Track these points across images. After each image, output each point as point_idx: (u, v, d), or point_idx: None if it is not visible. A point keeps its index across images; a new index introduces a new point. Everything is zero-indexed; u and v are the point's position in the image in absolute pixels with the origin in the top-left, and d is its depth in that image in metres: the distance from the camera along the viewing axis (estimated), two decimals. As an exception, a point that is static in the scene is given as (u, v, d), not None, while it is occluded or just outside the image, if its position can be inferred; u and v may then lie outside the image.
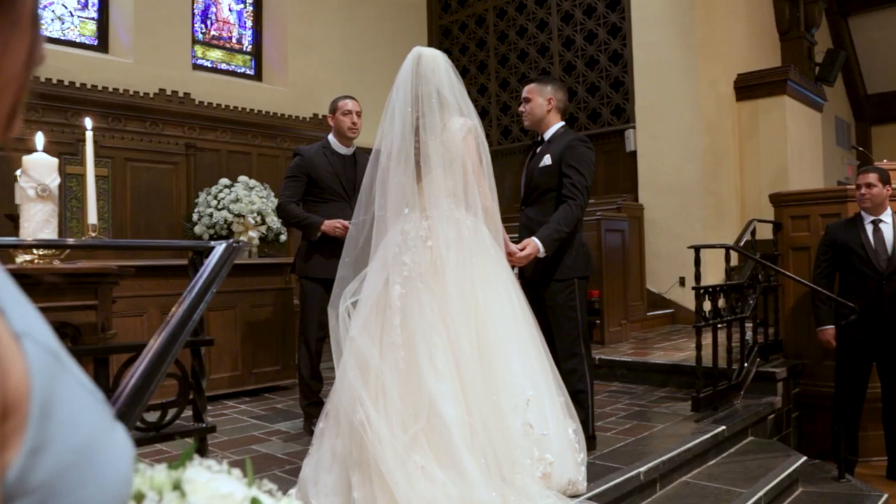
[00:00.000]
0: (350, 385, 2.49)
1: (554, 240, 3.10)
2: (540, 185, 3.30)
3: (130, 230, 7.03)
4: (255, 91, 8.43)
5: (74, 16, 7.39)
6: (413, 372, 2.44)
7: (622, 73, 8.19)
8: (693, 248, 4.12)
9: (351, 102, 4.06)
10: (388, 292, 2.60)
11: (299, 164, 4.06)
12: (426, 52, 2.82)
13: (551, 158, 3.26)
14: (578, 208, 3.16)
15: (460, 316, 2.52)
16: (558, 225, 3.11)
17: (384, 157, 2.77)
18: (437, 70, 2.76)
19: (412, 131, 2.71)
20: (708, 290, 4.00)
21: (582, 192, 3.18)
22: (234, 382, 5.12)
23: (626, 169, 8.01)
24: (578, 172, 3.19)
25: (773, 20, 8.82)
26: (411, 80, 2.74)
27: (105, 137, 6.94)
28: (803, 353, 4.84)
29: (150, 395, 1.39)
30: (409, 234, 2.68)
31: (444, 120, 2.73)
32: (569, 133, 3.35)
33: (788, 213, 4.93)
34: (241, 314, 5.19)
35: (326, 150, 4.06)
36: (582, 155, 3.23)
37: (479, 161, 2.76)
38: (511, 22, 9.30)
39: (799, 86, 7.85)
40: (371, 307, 2.60)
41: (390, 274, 2.63)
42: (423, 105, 2.71)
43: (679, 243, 7.29)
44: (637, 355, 5.32)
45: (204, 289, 1.62)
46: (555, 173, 3.24)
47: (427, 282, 2.58)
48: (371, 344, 2.54)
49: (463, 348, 2.48)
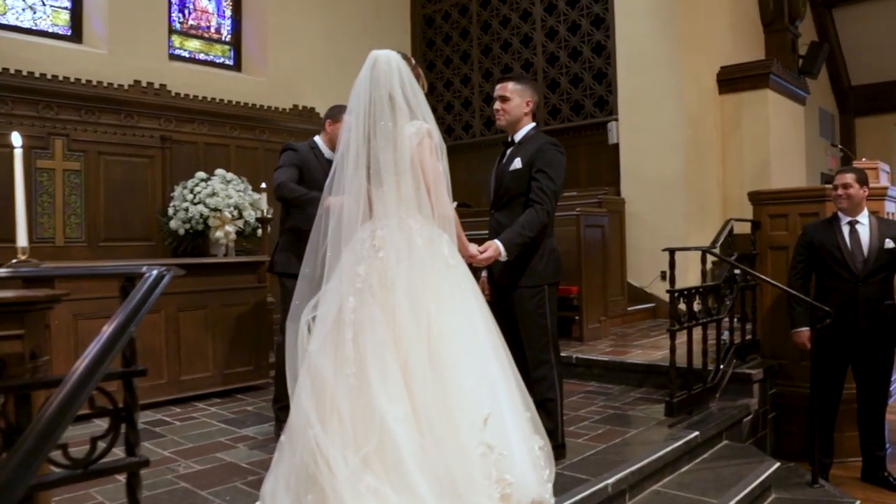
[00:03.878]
0: (302, 406, 2.42)
1: (516, 244, 3.03)
2: (510, 188, 3.23)
3: (104, 226, 6.90)
4: (234, 82, 8.29)
5: (46, 5, 7.21)
6: (364, 390, 2.36)
7: (605, 65, 8.10)
8: (668, 250, 4.06)
9: None
10: (342, 305, 2.52)
11: (293, 156, 3.96)
12: (381, 56, 2.71)
13: (521, 162, 3.19)
14: (545, 213, 3.09)
15: (412, 331, 2.43)
16: (522, 229, 3.04)
17: (339, 163, 2.69)
18: (390, 73, 2.66)
19: (365, 138, 2.63)
20: (683, 293, 3.94)
21: (550, 197, 3.11)
22: (205, 384, 5.04)
23: (609, 162, 7.95)
24: (548, 177, 3.12)
25: (757, 12, 8.74)
26: (366, 85, 2.66)
27: (77, 131, 6.81)
28: (781, 354, 4.80)
29: (60, 435, 1.31)
30: (364, 243, 2.60)
31: (397, 125, 2.63)
32: (540, 136, 3.27)
33: (767, 211, 4.88)
34: (213, 314, 5.10)
35: (315, 151, 4.01)
36: (553, 159, 3.16)
37: (434, 166, 2.66)
38: (494, 12, 9.18)
39: (782, 79, 7.79)
40: (331, 322, 2.52)
41: (344, 285, 2.55)
42: (375, 110, 2.62)
43: (661, 237, 7.24)
44: (615, 354, 5.27)
45: (127, 320, 1.54)
46: (525, 177, 3.17)
47: (377, 295, 2.49)
48: (327, 361, 2.46)
49: (414, 365, 2.39)
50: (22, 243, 2.56)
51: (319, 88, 8.51)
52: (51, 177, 6.64)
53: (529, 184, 3.14)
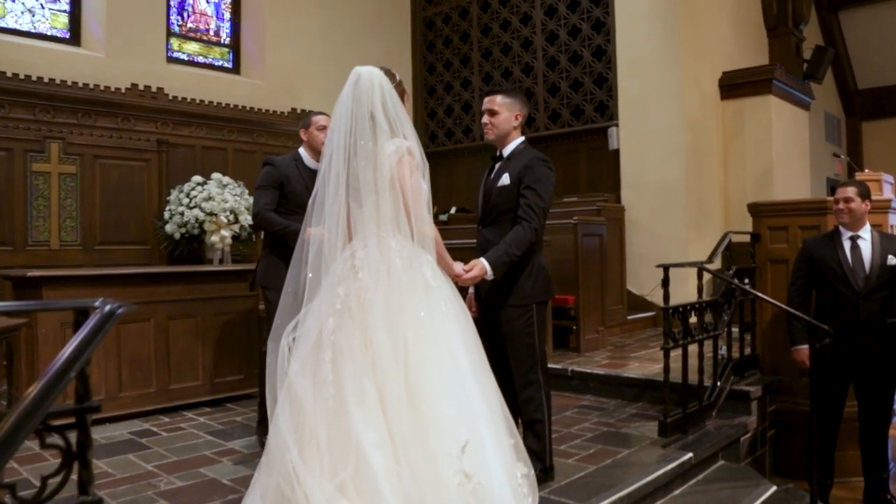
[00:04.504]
0: (280, 429, 2.38)
1: (503, 262, 2.95)
2: (498, 204, 3.15)
3: (100, 229, 6.86)
4: (232, 85, 8.23)
5: (45, 8, 7.16)
6: (342, 413, 2.32)
7: (606, 70, 8.01)
8: (662, 266, 3.97)
9: (324, 118, 4.01)
10: (322, 326, 2.48)
11: (272, 173, 3.97)
12: (364, 72, 2.66)
13: (510, 177, 3.11)
14: (532, 231, 3.01)
15: (388, 356, 2.38)
16: (508, 247, 2.96)
17: (321, 182, 2.64)
18: (372, 91, 2.61)
19: (345, 157, 2.59)
20: (678, 310, 3.85)
21: (538, 214, 3.03)
22: (195, 393, 5.00)
23: (609, 167, 7.86)
24: (536, 194, 3.04)
25: (760, 16, 8.63)
26: (349, 103, 2.61)
27: (73, 134, 6.77)
28: (781, 369, 4.70)
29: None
30: (346, 263, 2.56)
31: (378, 144, 2.59)
32: (529, 151, 3.19)
33: (766, 223, 4.78)
34: (204, 322, 5.05)
35: (298, 163, 4.00)
36: (542, 176, 3.08)
37: (415, 185, 2.61)
38: (495, 15, 9.10)
39: (785, 85, 7.69)
40: (311, 344, 2.48)
41: (324, 306, 2.51)
42: (357, 128, 2.58)
43: (662, 244, 7.17)
44: (611, 367, 5.18)
45: (71, 360, 1.47)
46: (513, 193, 3.09)
47: (356, 317, 2.45)
48: (306, 382, 2.42)
49: (390, 391, 2.34)
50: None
51: (318, 91, 8.43)
52: (46, 180, 6.60)
53: (517, 200, 3.06)
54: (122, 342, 4.68)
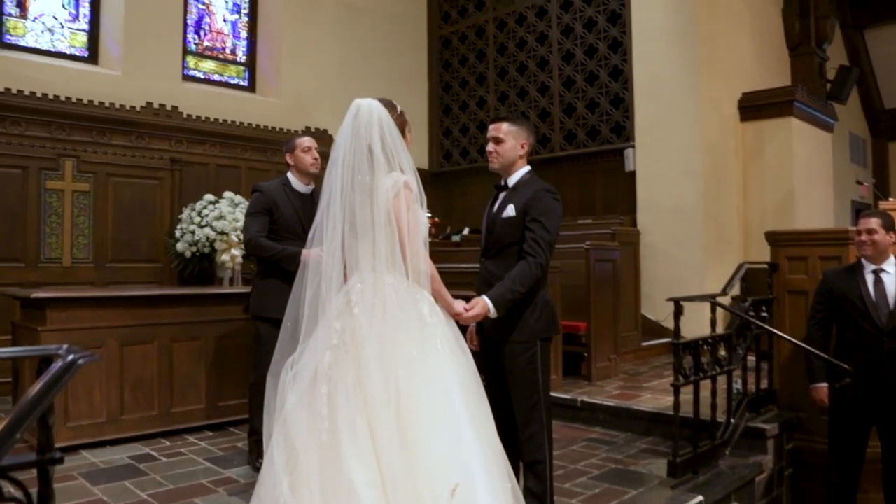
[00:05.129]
0: (274, 464, 2.35)
1: (507, 300, 2.84)
2: (502, 237, 3.03)
3: (111, 247, 6.86)
4: (247, 103, 8.23)
5: (65, 27, 7.22)
6: (334, 449, 2.29)
7: (622, 90, 7.90)
8: (673, 300, 3.83)
9: (308, 139, 4.09)
10: (320, 360, 2.46)
11: (260, 199, 4.02)
12: (364, 105, 2.63)
13: (515, 209, 2.98)
14: (538, 267, 2.90)
15: (379, 395, 2.33)
16: (513, 284, 2.85)
17: (320, 216, 2.62)
18: (370, 124, 2.57)
19: (345, 191, 2.56)
20: (689, 346, 3.70)
21: (545, 248, 2.91)
22: (197, 416, 4.92)
23: (625, 189, 7.73)
24: (543, 227, 2.92)
25: (781, 35, 8.48)
26: (348, 136, 2.58)
27: (88, 152, 6.79)
28: (799, 405, 4.51)
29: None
30: (345, 296, 2.53)
31: (375, 178, 2.55)
32: (535, 181, 3.07)
33: (785, 253, 4.62)
34: (207, 345, 4.98)
35: (286, 188, 4.04)
36: (548, 208, 2.96)
37: (412, 220, 2.56)
38: (511, 34, 9.03)
39: (807, 106, 7.52)
40: (308, 379, 2.45)
41: (321, 341, 2.49)
42: (355, 162, 2.55)
43: (678, 269, 7.03)
44: (622, 398, 5.04)
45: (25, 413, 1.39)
46: (518, 225, 2.97)
47: (350, 353, 2.42)
48: (302, 414, 2.40)
49: (381, 430, 2.29)
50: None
51: (333, 110, 8.38)
52: (60, 197, 6.62)
53: (523, 233, 2.95)
54: (125, 364, 4.63)
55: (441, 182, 9.80)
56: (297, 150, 4.03)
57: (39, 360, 1.61)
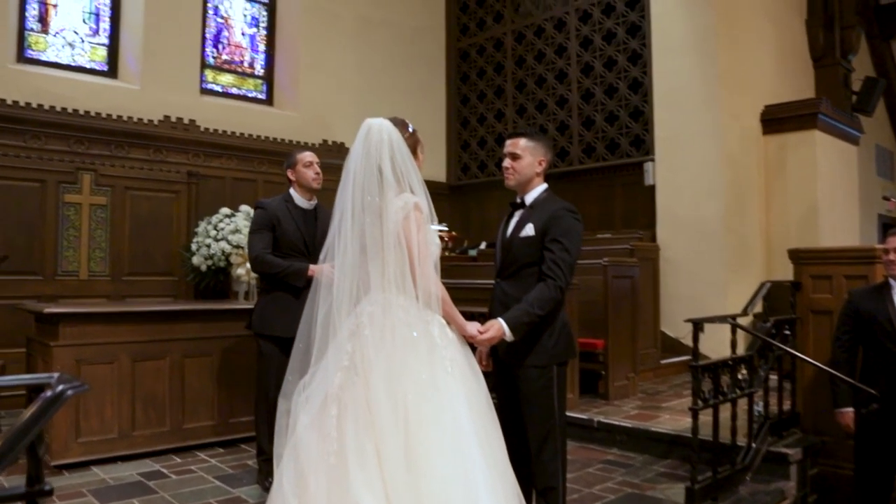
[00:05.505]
0: (283, 486, 2.36)
1: (524, 323, 2.75)
2: (520, 257, 2.92)
3: (128, 260, 6.89)
4: (265, 117, 8.24)
5: (85, 42, 7.28)
6: (342, 471, 2.28)
7: (642, 103, 7.80)
8: (691, 321, 3.72)
9: (309, 154, 4.07)
10: (331, 381, 2.44)
11: (263, 216, 4.01)
12: (374, 125, 2.60)
13: (534, 228, 2.88)
14: (558, 290, 2.79)
15: (387, 418, 2.30)
16: (530, 307, 2.76)
17: (331, 238, 2.60)
18: (380, 144, 2.54)
19: (355, 213, 2.53)
20: (708, 368, 3.59)
21: (565, 271, 2.81)
22: (210, 432, 4.89)
23: (645, 203, 7.61)
24: (563, 248, 2.81)
25: (805, 46, 8.33)
26: (359, 156, 2.56)
27: (105, 166, 6.83)
28: (824, 429, 4.34)
29: None
30: (355, 319, 2.51)
31: (385, 199, 2.52)
32: (554, 199, 2.97)
33: (808, 271, 4.48)
34: (219, 360, 4.95)
35: (289, 204, 4.02)
36: (569, 228, 2.86)
37: (421, 242, 2.52)
38: (529, 46, 8.97)
39: (832, 118, 7.37)
40: (320, 402, 2.44)
41: (332, 362, 2.47)
42: (366, 183, 2.53)
43: (699, 285, 6.89)
44: (640, 419, 4.92)
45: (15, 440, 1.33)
46: (537, 245, 2.86)
47: (360, 375, 2.40)
48: (312, 435, 2.39)
49: (388, 454, 2.27)
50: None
51: (350, 123, 8.29)
52: (77, 211, 6.65)
53: (542, 253, 2.86)
54: (136, 380, 4.61)
55: (458, 195, 9.74)
56: (299, 165, 4.01)
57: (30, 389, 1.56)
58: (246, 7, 8.48)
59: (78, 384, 1.58)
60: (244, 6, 8.46)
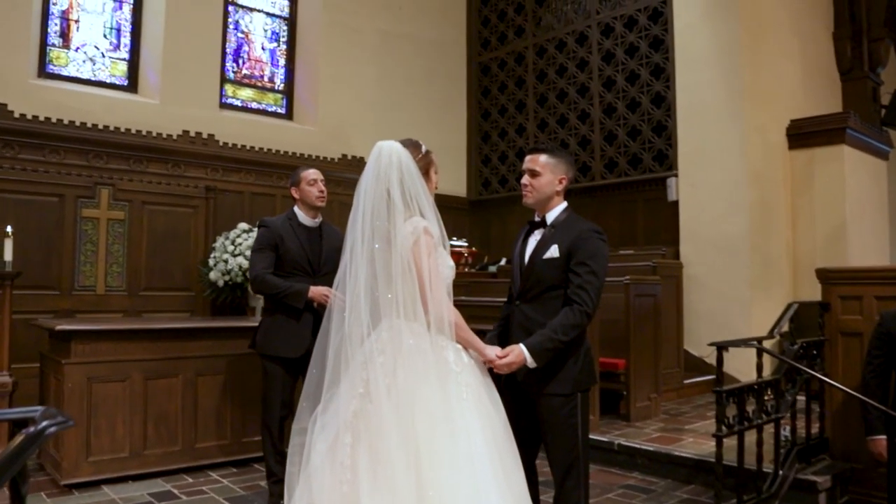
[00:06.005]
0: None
1: (547, 350, 2.63)
2: (543, 279, 2.77)
3: (145, 275, 6.88)
4: (284, 131, 8.24)
5: (106, 56, 7.33)
6: (354, 502, 2.25)
7: (665, 117, 7.67)
8: (715, 345, 3.58)
9: (314, 172, 4.01)
10: (346, 409, 2.41)
11: (266, 235, 3.95)
12: (385, 148, 2.55)
13: (559, 250, 2.74)
14: (585, 316, 2.67)
15: (400, 447, 2.26)
16: (554, 333, 2.63)
17: (343, 265, 2.55)
18: (390, 168, 2.50)
19: (361, 237, 2.49)
20: (733, 393, 3.45)
21: (593, 296, 2.68)
22: (222, 452, 4.82)
23: (668, 219, 7.46)
24: (591, 271, 2.69)
25: (832, 60, 8.16)
26: (370, 179, 2.52)
27: (124, 180, 6.84)
28: (854, 455, 4.16)
29: None
30: (370, 346, 2.45)
31: (395, 224, 2.48)
32: (578, 219, 2.84)
33: (837, 292, 4.31)
34: (232, 379, 4.89)
35: (293, 223, 3.97)
36: (597, 250, 2.73)
37: (432, 266, 2.46)
38: (551, 60, 8.89)
39: (860, 133, 7.19)
40: (335, 430, 2.40)
41: (345, 389, 2.44)
42: (376, 208, 2.49)
43: (722, 302, 6.74)
44: (662, 442, 4.77)
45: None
46: (562, 267, 2.73)
47: (374, 402, 2.35)
48: (326, 463, 2.36)
49: (401, 484, 2.22)
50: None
51: (370, 137, 8.20)
52: (95, 226, 6.66)
53: (567, 276, 2.73)
54: (148, 398, 4.56)
55: (479, 211, 9.66)
56: (303, 183, 3.95)
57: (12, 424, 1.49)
58: (266, 22, 8.51)
59: (62, 420, 1.51)
60: (265, 21, 8.49)
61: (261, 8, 8.44)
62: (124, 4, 7.41)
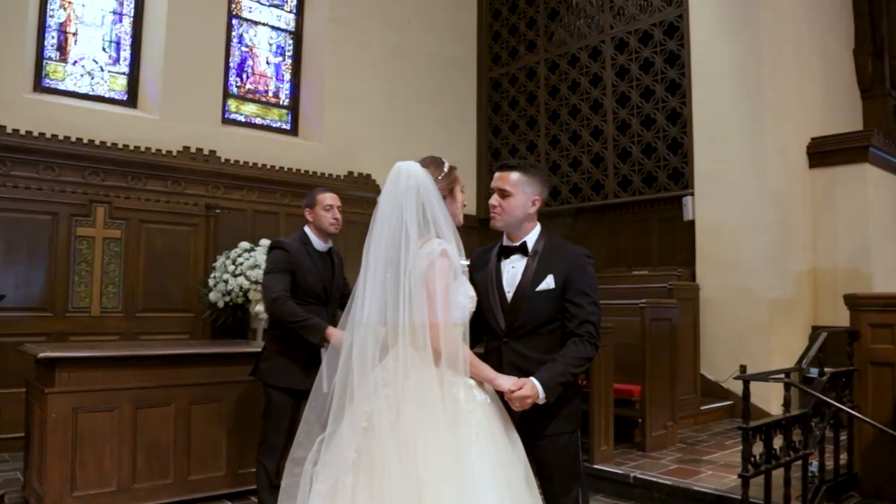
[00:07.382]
0: None
1: (559, 384, 2.38)
2: (540, 313, 2.50)
3: (142, 296, 6.66)
4: (288, 147, 8.06)
5: (105, 70, 7.18)
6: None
7: (681, 134, 7.44)
8: (740, 378, 3.34)
9: (331, 196, 3.78)
10: (348, 445, 2.25)
11: (283, 258, 3.71)
12: (403, 169, 2.38)
13: (555, 280, 2.49)
14: (593, 349, 2.47)
15: (402, 491, 2.11)
16: (566, 366, 2.40)
17: (356, 293, 2.40)
18: (408, 191, 2.34)
19: (374, 267, 2.34)
20: (760, 430, 3.19)
21: (598, 327, 2.49)
22: (217, 484, 4.57)
23: (683, 240, 7.22)
24: (593, 303, 2.50)
25: (852, 77, 7.94)
26: (387, 203, 2.37)
27: (121, 198, 6.66)
28: (885, 493, 3.91)
29: None
30: (377, 376, 2.29)
31: (409, 251, 2.30)
32: (563, 244, 2.60)
33: (867, 319, 4.06)
34: (228, 407, 4.64)
35: (308, 247, 3.75)
36: (594, 279, 2.55)
37: (443, 290, 2.28)
38: (563, 76, 8.69)
39: (884, 152, 6.94)
40: (338, 467, 2.24)
41: (346, 424, 2.27)
42: (393, 234, 2.33)
43: (741, 326, 6.49)
44: (680, 474, 4.51)
45: None
46: (559, 299, 2.49)
47: (377, 439, 2.19)
48: None
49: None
50: None
51: (376, 154, 8.17)
52: (90, 245, 6.46)
53: (564, 308, 2.50)
54: (138, 428, 4.32)
55: (489, 229, 9.41)
56: (318, 206, 3.74)
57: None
58: (272, 36, 8.36)
59: None
60: (270, 35, 8.34)
61: (266, 21, 8.30)
62: (125, 17, 7.27)
